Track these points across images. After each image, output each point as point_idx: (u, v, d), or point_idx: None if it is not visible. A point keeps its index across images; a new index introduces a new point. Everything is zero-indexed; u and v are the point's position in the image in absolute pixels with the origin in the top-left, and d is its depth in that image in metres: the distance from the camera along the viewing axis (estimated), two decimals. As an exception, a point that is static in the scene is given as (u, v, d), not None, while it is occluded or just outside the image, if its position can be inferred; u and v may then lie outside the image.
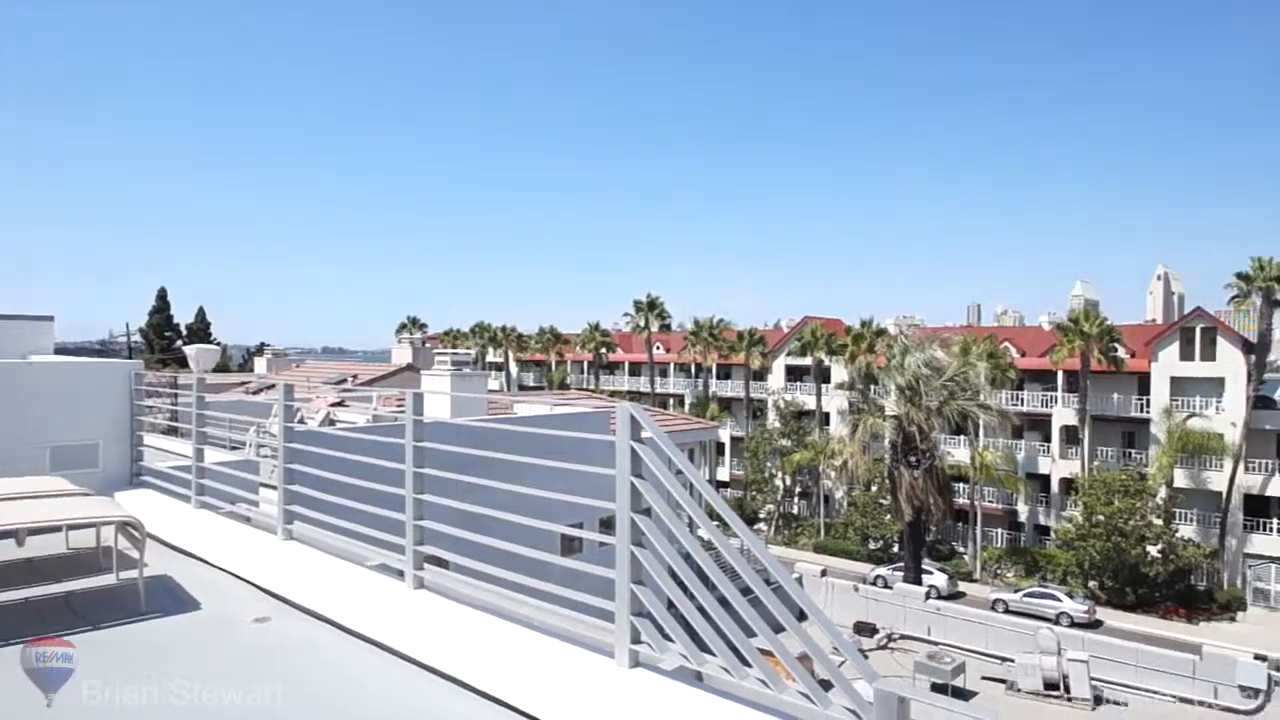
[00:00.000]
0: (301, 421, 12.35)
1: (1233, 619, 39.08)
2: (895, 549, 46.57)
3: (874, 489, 49.47)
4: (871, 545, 49.07)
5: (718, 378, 64.55)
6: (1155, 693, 31.08)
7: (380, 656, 3.94)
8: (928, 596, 38.47)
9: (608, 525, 3.47)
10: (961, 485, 47.16)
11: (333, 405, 14.85)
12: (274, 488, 5.79)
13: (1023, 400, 49.26)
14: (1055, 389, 48.54)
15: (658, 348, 67.69)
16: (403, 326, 76.94)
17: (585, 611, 3.53)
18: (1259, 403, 42.45)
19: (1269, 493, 41.53)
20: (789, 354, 59.41)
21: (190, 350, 16.51)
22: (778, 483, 55.75)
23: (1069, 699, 30.51)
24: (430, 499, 4.54)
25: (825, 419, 55.75)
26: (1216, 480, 42.19)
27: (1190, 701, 30.52)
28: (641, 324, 64.26)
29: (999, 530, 49.00)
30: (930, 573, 41.69)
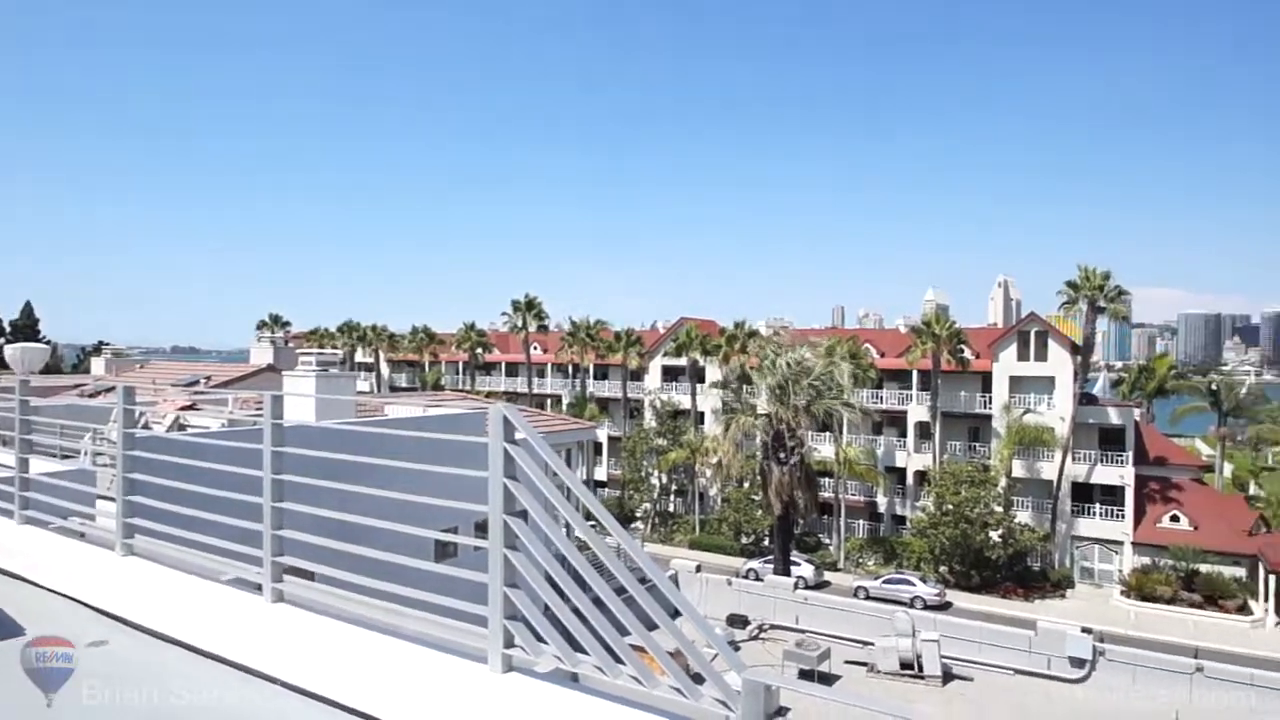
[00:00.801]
0: (146, 427, 11.40)
1: (1063, 596, 43.07)
2: (766, 542, 48.33)
3: (746, 485, 51.15)
4: (744, 540, 50.71)
5: (595, 378, 64.78)
6: (997, 666, 33.79)
7: (236, 676, 3.72)
8: (796, 587, 40.21)
9: (483, 529, 3.42)
10: (827, 480, 49.55)
11: (182, 409, 13.83)
12: (112, 499, 5.33)
13: (882, 398, 52.31)
14: (911, 387, 51.86)
15: (535, 348, 67.15)
16: (263, 325, 72.65)
17: (460, 618, 3.46)
18: (1084, 399, 47.01)
19: (1092, 480, 46.06)
20: (665, 354, 60.45)
21: (11, 350, 14.91)
22: (654, 481, 56.61)
23: (922, 677, 32.66)
24: (292, 507, 4.31)
25: (700, 418, 57.10)
26: (1048, 470, 46.37)
27: (1027, 673, 33.38)
28: (519, 324, 63.57)
29: (861, 521, 51.82)
30: (798, 564, 43.56)
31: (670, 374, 60.76)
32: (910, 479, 50.96)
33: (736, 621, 37.80)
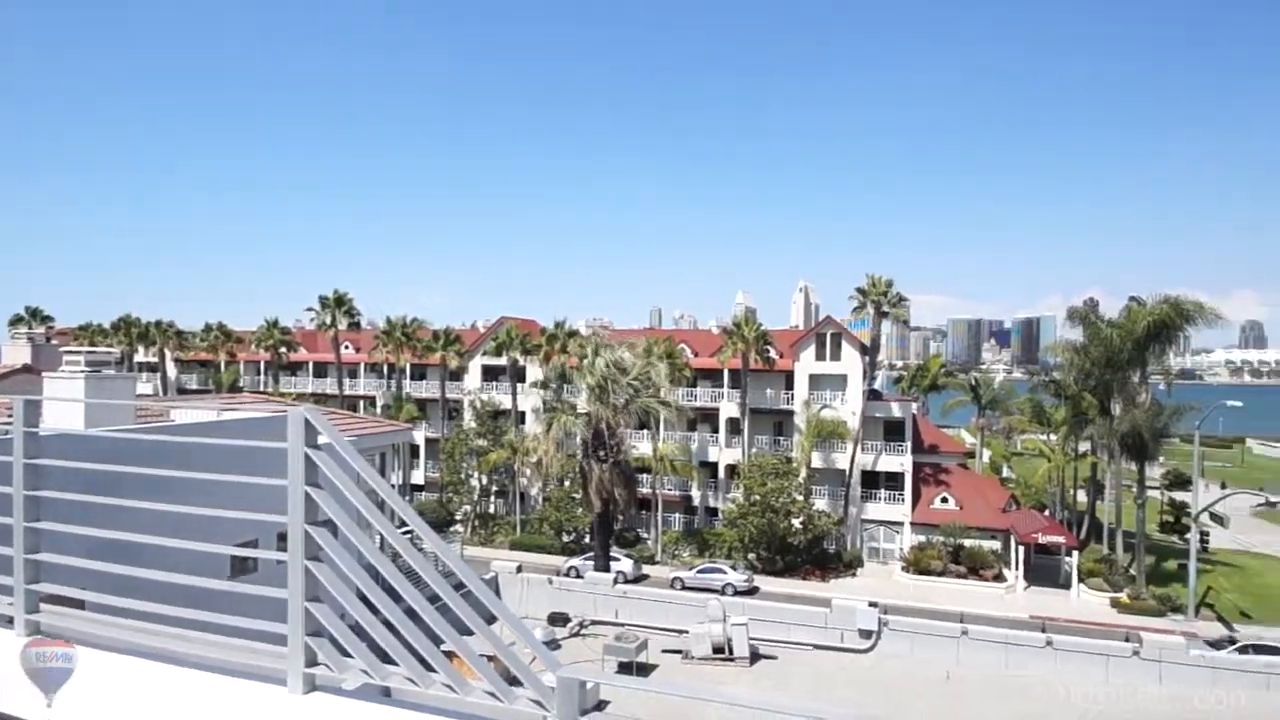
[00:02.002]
0: None
1: (854, 574, 47.13)
2: (587, 540, 48.87)
3: (567, 484, 51.46)
4: (565, 538, 50.98)
5: (412, 378, 62.41)
6: (798, 643, 36.37)
7: None
8: (616, 582, 41.02)
9: (286, 541, 3.24)
10: (645, 476, 50.93)
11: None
12: None
13: (696, 396, 54.60)
14: (722, 386, 54.54)
15: (346, 347, 63.54)
16: (18, 320, 63.27)
17: (260, 639, 3.24)
18: (871, 395, 51.72)
19: (878, 468, 50.79)
20: (486, 354, 59.42)
21: None
22: (475, 483, 55.49)
23: (733, 659, 34.47)
24: (53, 527, 3.81)
25: (521, 418, 56.68)
26: (842, 460, 50.56)
27: (824, 647, 36.22)
28: (328, 321, 59.79)
29: (677, 515, 53.78)
30: (618, 559, 44.47)
31: (491, 374, 59.80)
32: (722, 472, 53.61)
33: (558, 620, 37.94)
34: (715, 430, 54.50)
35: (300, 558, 3.06)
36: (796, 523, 45.99)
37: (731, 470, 52.55)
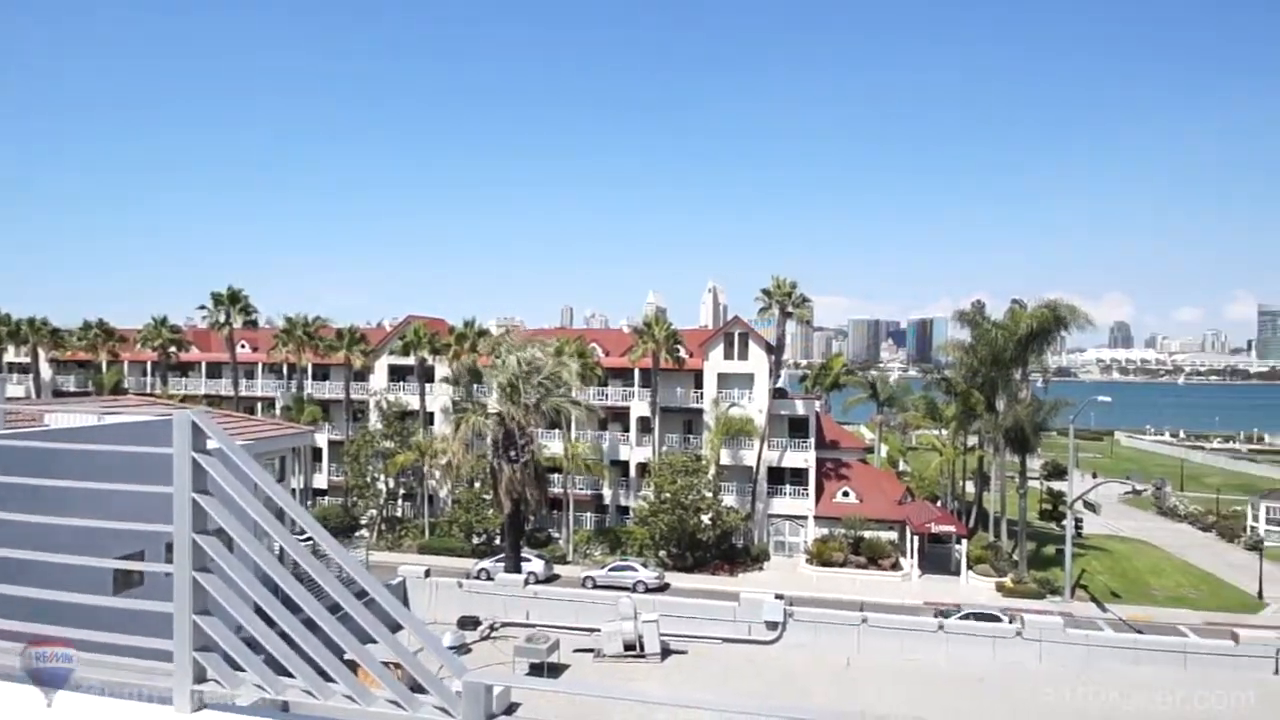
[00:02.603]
0: None
1: (761, 568, 48.34)
2: (498, 541, 48.32)
3: (477, 485, 50.71)
4: (476, 540, 50.25)
5: (315, 379, 60.14)
6: (708, 637, 37.02)
7: None
8: (527, 582, 40.69)
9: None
10: (556, 475, 50.77)
11: None
12: None
13: (607, 395, 54.78)
14: (633, 385, 54.93)
15: (243, 346, 60.66)
16: None
17: (146, 656, 3.08)
18: (776, 393, 53.16)
19: (784, 464, 52.26)
20: (392, 353, 57.86)
21: None
22: (381, 486, 53.95)
23: (644, 655, 34.78)
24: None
25: (430, 418, 55.50)
26: (749, 457, 51.75)
27: (732, 640, 36.97)
28: (222, 319, 56.88)
29: (588, 514, 53.83)
30: (529, 560, 44.15)
31: (397, 374, 58.27)
32: (633, 471, 53.98)
33: (468, 623, 37.35)
34: (626, 429, 54.83)
35: (187, 569, 2.94)
36: (706, 519, 46.79)
37: (642, 468, 52.97)
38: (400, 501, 55.48)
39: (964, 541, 46.86)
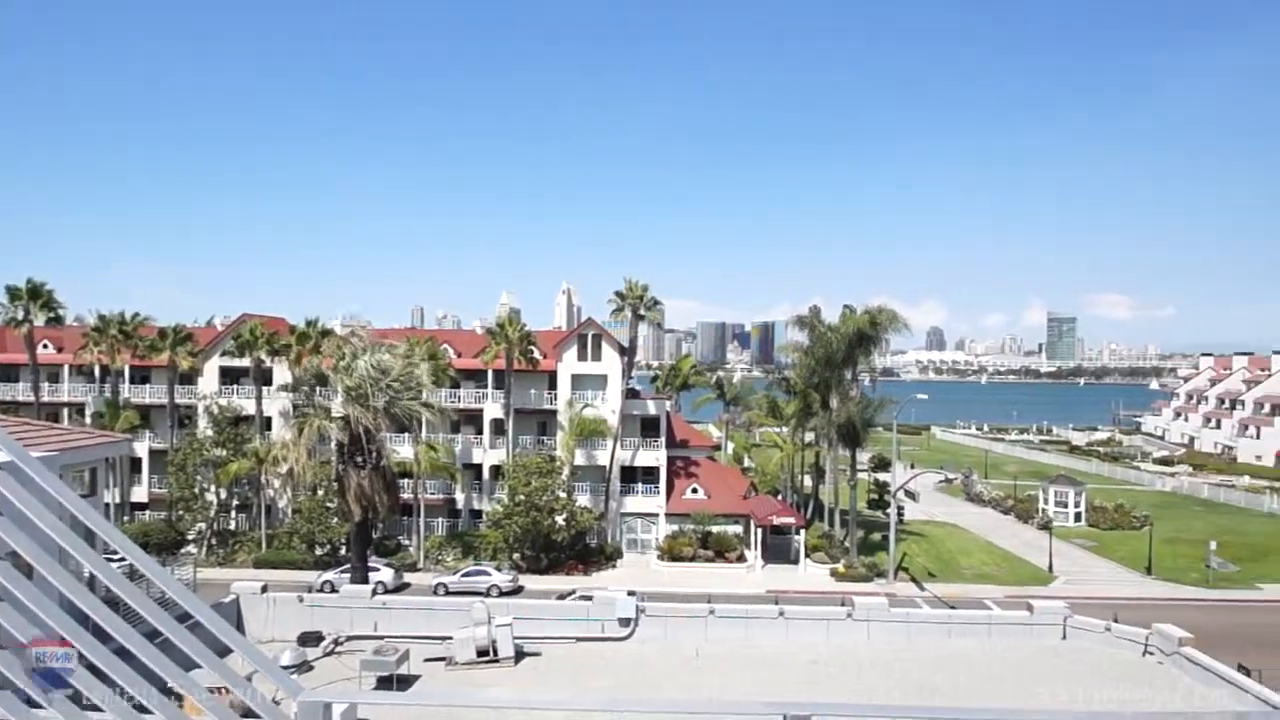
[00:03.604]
0: None
1: (615, 566, 49.41)
2: (344, 551, 46.45)
3: (321, 493, 48.49)
4: (319, 551, 48.05)
5: (133, 382, 55.16)
6: (562, 638, 37.46)
7: None
8: (375, 593, 39.29)
9: None
10: (407, 480, 49.46)
11: None
12: None
13: (460, 397, 53.99)
14: (486, 386, 54.45)
15: (45, 346, 54.62)
16: None
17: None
18: (629, 394, 54.46)
19: (636, 463, 53.64)
20: (225, 354, 54.09)
21: None
22: (211, 498, 50.36)
23: (498, 660, 34.71)
24: None
25: (267, 424, 52.42)
26: (602, 457, 52.72)
27: (586, 639, 37.60)
28: (20, 316, 50.92)
29: (440, 519, 52.83)
30: (377, 569, 42.81)
31: (231, 376, 54.55)
32: (486, 473, 53.52)
33: (310, 639, 35.60)
34: (480, 431, 54.25)
35: (-33, 599, 2.61)
36: (560, 520, 47.22)
37: (496, 471, 52.64)
38: (234, 514, 52.04)
39: (802, 532, 50.08)
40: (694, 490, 53.09)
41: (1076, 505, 64.19)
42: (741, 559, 49.42)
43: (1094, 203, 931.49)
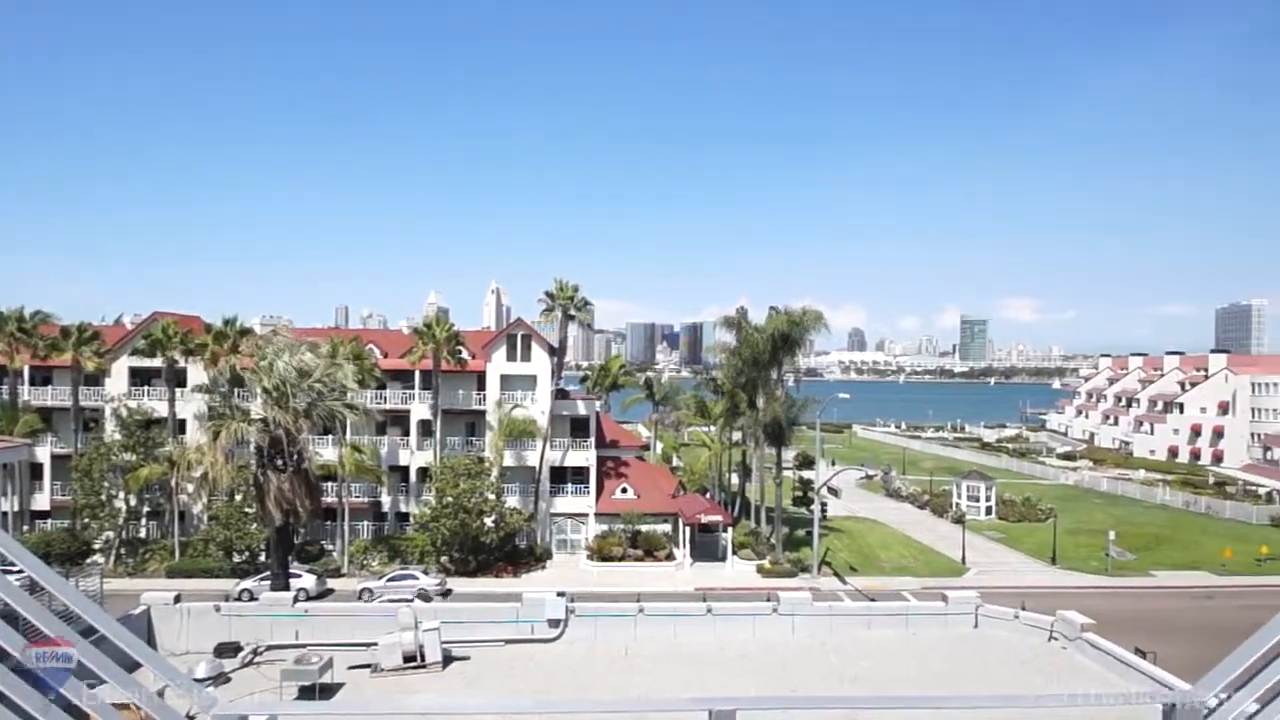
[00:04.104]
0: None
1: (544, 567, 49.36)
2: (263, 558, 45.08)
3: (239, 498, 46.93)
4: (237, 558, 46.46)
5: (33, 383, 52.16)
6: (491, 640, 37.31)
7: None
8: (296, 600, 38.39)
9: None
10: (330, 484, 48.32)
11: None
12: None
13: (386, 398, 53.01)
14: (413, 387, 53.60)
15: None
16: None
17: None
18: (559, 394, 54.47)
19: (566, 464, 53.70)
20: (135, 354, 51.66)
21: None
22: (119, 504, 48.06)
23: (425, 665, 34.37)
24: None
25: (181, 427, 50.40)
26: (532, 458, 52.59)
27: (515, 641, 37.55)
28: (-99, 313, 47.63)
29: (365, 523, 51.77)
30: (299, 576, 41.73)
31: (141, 377, 52.16)
32: (414, 476, 52.70)
33: (226, 650, 34.50)
34: (406, 433, 53.38)
35: None
36: (489, 521, 46.92)
37: (424, 473, 51.89)
38: (144, 521, 49.80)
39: (730, 530, 51.06)
40: (623, 490, 53.49)
41: (987, 500, 67.24)
42: (670, 557, 50.06)
43: (1003, 208, 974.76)
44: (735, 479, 63.24)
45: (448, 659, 35.60)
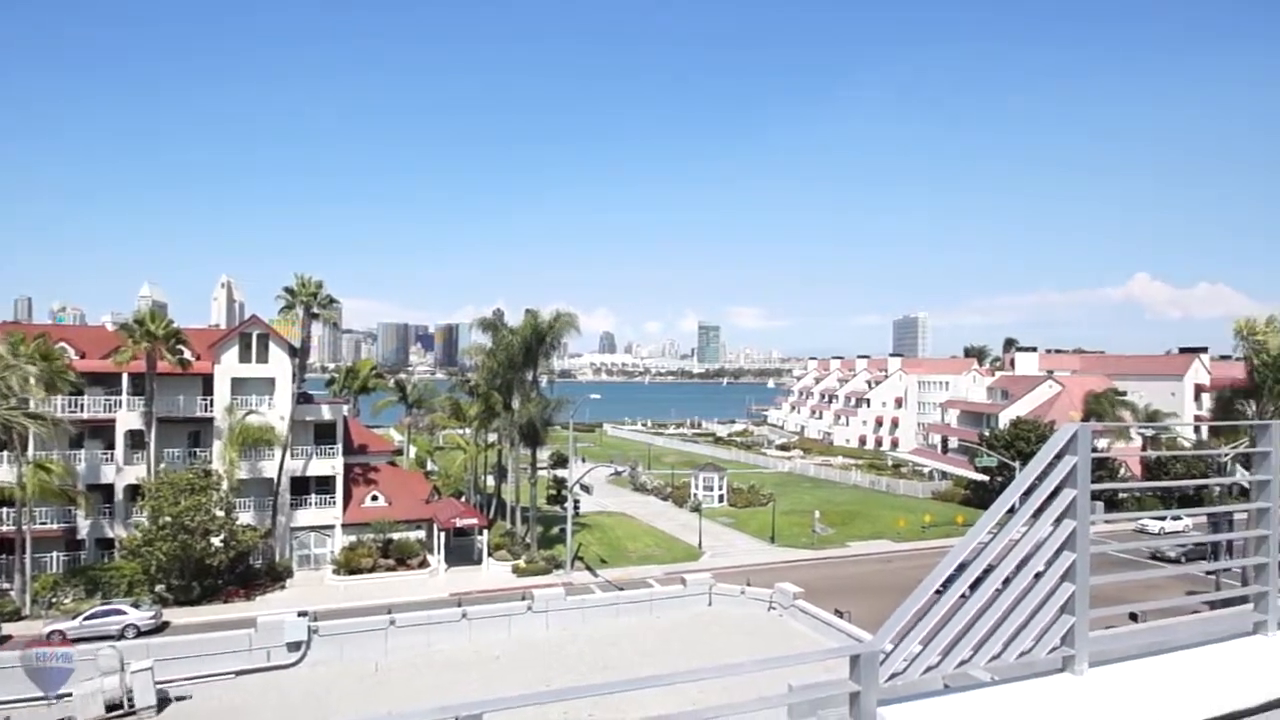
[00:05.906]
0: None
1: (284, 587, 45.47)
2: (-93, 605, 36.77)
3: None
4: None
5: None
6: (219, 674, 33.76)
7: None
8: (-43, 653, 31.92)
9: None
10: (7, 510, 40.75)
11: None
12: None
13: (83, 406, 45.70)
14: (120, 392, 46.75)
15: None
16: None
17: None
18: (301, 398, 50.55)
19: (309, 473, 49.95)
20: None
21: None
22: None
23: (135, 712, 30.31)
24: None
25: None
26: (270, 468, 48.26)
27: (249, 671, 34.32)
28: None
29: (56, 553, 44.20)
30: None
31: None
32: (120, 494, 45.93)
33: None
34: (110, 445, 46.38)
35: None
36: (217, 541, 42.30)
37: (134, 491, 45.40)
38: None
39: (485, 532, 50.68)
40: (374, 498, 50.95)
41: (720, 489, 73.40)
42: (424, 564, 48.60)
43: (731, 223, 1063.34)
44: (491, 480, 62.87)
45: (163, 701, 31.64)
